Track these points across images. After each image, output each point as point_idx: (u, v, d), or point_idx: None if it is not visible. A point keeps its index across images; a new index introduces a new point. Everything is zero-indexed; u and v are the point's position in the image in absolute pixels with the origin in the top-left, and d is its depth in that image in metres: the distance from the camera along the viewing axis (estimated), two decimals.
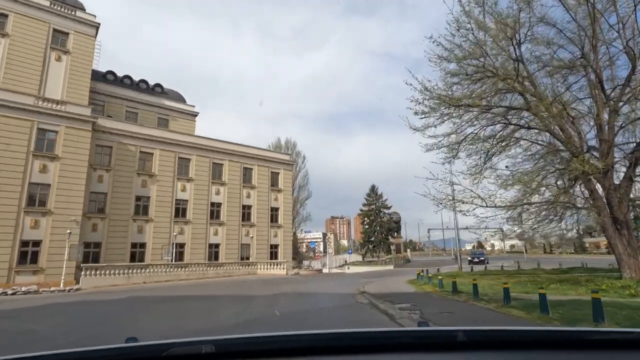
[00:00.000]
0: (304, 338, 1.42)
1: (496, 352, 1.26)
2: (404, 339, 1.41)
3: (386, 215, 65.16)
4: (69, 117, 27.35)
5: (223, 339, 1.31)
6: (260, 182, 39.32)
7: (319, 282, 23.23)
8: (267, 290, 17.53)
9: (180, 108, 42.54)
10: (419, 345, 1.34)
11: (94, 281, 23.72)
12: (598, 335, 1.36)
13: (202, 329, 8.89)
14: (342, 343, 1.38)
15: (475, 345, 1.30)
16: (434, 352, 1.31)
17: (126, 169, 31.08)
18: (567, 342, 1.31)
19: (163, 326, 9.87)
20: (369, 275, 29.05)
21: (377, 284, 18.77)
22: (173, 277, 27.21)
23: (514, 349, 1.28)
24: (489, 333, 1.44)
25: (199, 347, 1.23)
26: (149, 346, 1.30)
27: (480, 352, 1.28)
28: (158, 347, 1.26)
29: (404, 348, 1.33)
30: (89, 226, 28.71)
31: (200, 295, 16.82)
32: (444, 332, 1.52)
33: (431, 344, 1.36)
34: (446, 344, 1.35)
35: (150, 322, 10.46)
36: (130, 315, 11.91)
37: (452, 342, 1.32)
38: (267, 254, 38.28)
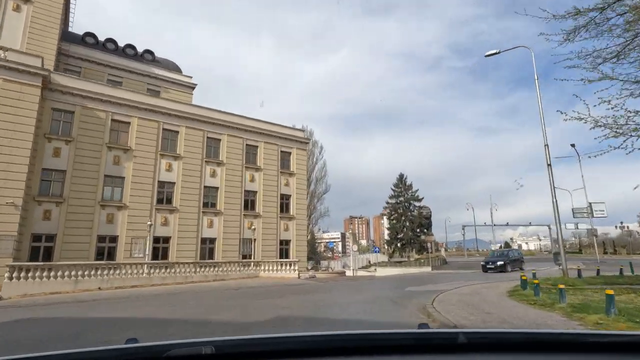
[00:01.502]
0: (303, 340, 1.38)
1: (497, 355, 1.25)
2: (404, 341, 1.38)
3: (416, 208, 56.71)
4: (8, 68, 20.54)
5: (223, 340, 1.30)
6: (268, 163, 31.84)
7: (345, 293, 15.48)
8: (253, 313, 9.97)
9: (174, 78, 35.58)
10: (419, 347, 1.30)
11: (24, 287, 16.70)
12: (598, 338, 1.31)
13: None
14: (342, 345, 1.35)
15: (475, 348, 1.27)
16: (434, 354, 1.27)
17: (93, 140, 24.13)
18: (567, 345, 1.28)
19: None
20: (410, 280, 21.11)
21: (453, 299, 10.82)
22: (144, 282, 20.00)
23: (515, 351, 1.26)
24: (489, 335, 1.43)
25: (199, 348, 1.22)
26: (148, 347, 1.28)
27: (481, 354, 1.25)
28: (158, 348, 1.25)
29: (404, 350, 1.30)
30: (39, 213, 21.86)
31: (119, 320, 9.34)
32: (444, 333, 1.50)
33: (431, 346, 1.31)
34: (447, 346, 1.30)
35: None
36: None
37: (452, 344, 1.28)
38: (276, 252, 30.76)
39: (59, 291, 17.30)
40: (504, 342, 1.33)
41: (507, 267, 25.42)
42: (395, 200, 56.48)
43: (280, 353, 1.29)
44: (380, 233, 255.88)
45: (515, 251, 31.47)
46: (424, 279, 22.75)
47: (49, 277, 17.50)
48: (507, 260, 26.16)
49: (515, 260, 27.47)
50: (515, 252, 31.28)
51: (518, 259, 28.35)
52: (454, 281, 19.00)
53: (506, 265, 25.50)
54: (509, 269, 25.31)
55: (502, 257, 27.61)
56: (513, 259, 27.39)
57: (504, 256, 27.76)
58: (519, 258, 28.65)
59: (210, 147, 29.14)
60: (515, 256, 28.67)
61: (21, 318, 10.08)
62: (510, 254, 29.04)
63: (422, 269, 37.53)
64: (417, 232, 55.04)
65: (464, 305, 9.21)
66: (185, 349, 1.23)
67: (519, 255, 29.70)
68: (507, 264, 25.70)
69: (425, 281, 20.15)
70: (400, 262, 47.18)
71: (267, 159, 31.84)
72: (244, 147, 30.80)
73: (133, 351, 1.26)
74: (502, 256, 28.07)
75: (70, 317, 10.22)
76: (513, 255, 28.38)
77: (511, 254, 28.64)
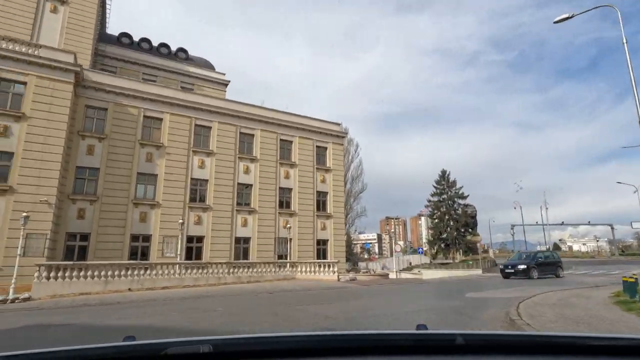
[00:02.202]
0: (302, 339, 1.38)
1: (495, 357, 1.24)
2: (401, 342, 1.38)
3: (460, 207, 53.04)
4: (41, 64, 20.29)
5: (221, 338, 1.29)
6: (303, 159, 30.24)
7: (396, 299, 13.39)
8: (290, 324, 8.21)
9: (207, 75, 35.03)
10: (416, 348, 1.30)
11: (53, 287, 16.03)
12: (598, 341, 1.30)
13: None
14: (340, 345, 1.34)
15: (474, 349, 1.27)
16: (432, 355, 1.27)
17: (126, 137, 23.63)
18: (565, 347, 1.26)
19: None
20: (465, 285, 18.59)
21: (547, 313, 8.43)
22: (176, 283, 18.93)
23: (513, 353, 1.25)
24: (488, 337, 1.42)
25: (197, 346, 1.21)
26: (146, 345, 1.28)
27: (479, 356, 1.25)
28: (156, 346, 1.23)
29: (401, 351, 1.30)
30: (74, 212, 21.50)
31: (133, 330, 7.84)
32: (442, 335, 1.42)
33: (429, 347, 1.31)
34: (444, 347, 1.31)
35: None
36: None
37: (450, 345, 1.28)
38: (313, 252, 29.06)
39: (88, 292, 16.51)
40: (503, 344, 1.32)
41: (532, 272, 20.91)
42: (437, 198, 53.14)
43: (278, 352, 1.28)
44: (417, 234, 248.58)
45: (545, 253, 25.34)
46: (480, 283, 20.09)
47: (78, 277, 16.76)
48: (531, 264, 21.45)
49: (546, 264, 22.48)
50: (547, 254, 25.08)
51: (551, 262, 23.09)
52: (518, 286, 16.31)
53: (530, 270, 20.93)
54: (534, 274, 20.87)
55: (527, 259, 22.54)
56: (542, 262, 22.37)
57: (530, 259, 22.64)
58: (552, 261, 23.24)
59: (243, 143, 27.98)
60: (546, 259, 23.23)
61: (30, 324, 8.94)
62: (539, 256, 23.48)
63: (471, 271, 34.45)
64: (462, 232, 51.39)
65: (570, 322, 6.87)
66: (183, 347, 1.23)
67: (554, 258, 24.14)
68: (532, 269, 21.10)
69: (483, 286, 17.58)
70: (445, 264, 44.01)
71: (302, 154, 30.26)
72: (278, 142, 29.40)
73: (131, 349, 1.25)
74: (527, 259, 22.89)
75: (83, 325, 8.95)
76: (542, 258, 23.01)
77: (540, 256, 23.20)
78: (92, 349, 1.24)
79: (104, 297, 15.13)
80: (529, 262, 21.87)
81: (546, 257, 23.60)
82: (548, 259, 23.36)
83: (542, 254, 24.39)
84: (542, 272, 21.68)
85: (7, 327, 8.72)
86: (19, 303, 14.56)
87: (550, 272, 22.35)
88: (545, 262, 22.66)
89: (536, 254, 24.29)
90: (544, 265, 22.18)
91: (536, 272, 21.11)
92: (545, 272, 21.99)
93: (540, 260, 22.50)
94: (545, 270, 22.01)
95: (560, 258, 25.18)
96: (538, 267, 21.46)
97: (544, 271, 21.86)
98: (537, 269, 21.29)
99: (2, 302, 14.85)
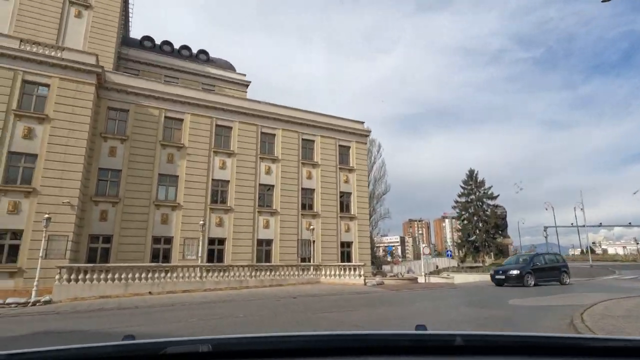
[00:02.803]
0: (301, 339, 1.38)
1: (495, 357, 1.24)
2: (401, 342, 1.37)
3: (490, 207, 50.70)
4: (64, 66, 20.30)
5: (220, 338, 1.29)
6: (325, 158, 29.35)
7: (432, 307, 12.20)
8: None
9: (228, 77, 34.77)
10: (415, 349, 1.30)
11: (74, 290, 15.75)
12: (597, 343, 1.32)
13: None
14: (339, 345, 1.34)
15: (473, 350, 1.27)
16: (432, 356, 1.27)
17: (147, 138, 23.43)
18: (566, 349, 1.27)
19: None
20: (503, 290, 17.10)
21: (627, 327, 7.14)
22: (197, 286, 18.37)
23: (512, 354, 1.25)
24: (487, 338, 1.39)
25: (196, 346, 1.21)
26: (146, 344, 1.28)
27: (478, 357, 1.24)
28: (155, 345, 1.24)
29: (400, 351, 1.29)
30: (97, 214, 21.39)
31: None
32: (441, 335, 1.41)
33: (428, 348, 1.31)
34: (444, 348, 1.30)
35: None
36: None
37: (449, 346, 1.28)
38: (337, 255, 28.05)
39: (108, 295, 16.14)
40: (502, 345, 1.31)
41: (528, 278, 17.84)
42: (465, 199, 51.00)
43: (277, 352, 1.28)
44: (442, 237, 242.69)
45: (547, 256, 20.95)
46: (523, 288, 18.52)
47: (99, 280, 16.44)
48: (526, 270, 18.11)
49: (546, 269, 19.05)
50: (549, 256, 20.83)
51: (553, 267, 19.49)
52: (568, 292, 14.78)
53: (524, 276, 17.77)
54: (529, 281, 17.80)
55: (523, 264, 18.96)
56: (541, 267, 18.91)
57: (526, 263, 18.97)
58: (554, 266, 19.58)
59: (264, 143, 27.36)
60: (547, 263, 19.52)
61: (40, 331, 8.39)
62: (537, 259, 19.54)
63: None
64: (492, 234, 49.07)
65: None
66: (182, 346, 1.22)
67: (557, 262, 20.18)
68: (528, 275, 17.91)
69: (526, 292, 16.09)
70: (475, 268, 41.97)
71: (324, 153, 29.37)
72: (300, 142, 28.62)
73: (130, 348, 1.24)
74: (522, 263, 19.26)
75: (95, 331, 8.32)
76: (542, 262, 19.37)
77: (538, 260, 19.44)
78: (92, 348, 1.23)
79: (122, 300, 14.67)
80: (524, 267, 18.44)
81: (547, 260, 19.81)
82: (549, 263, 19.63)
83: (541, 257, 20.22)
84: (541, 278, 18.52)
85: (16, 333, 8.20)
86: (40, 306, 14.32)
87: (552, 278, 19.07)
88: (544, 267, 19.15)
89: (534, 257, 20.01)
90: (543, 271, 18.88)
91: (532, 278, 18.00)
92: (546, 278, 18.79)
93: (538, 264, 18.93)
94: (545, 277, 18.77)
95: (565, 261, 20.95)
96: (535, 273, 18.27)
97: (543, 277, 18.66)
98: (534, 275, 18.14)
99: (24, 304, 14.66)
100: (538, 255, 20.89)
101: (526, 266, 18.53)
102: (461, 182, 51.66)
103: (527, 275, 17.99)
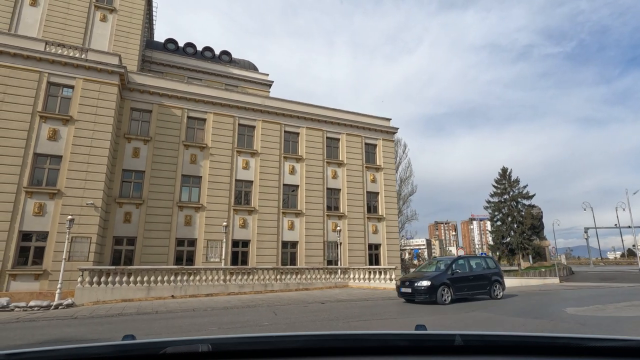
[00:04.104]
0: (300, 339, 1.36)
1: (494, 357, 1.24)
2: (400, 342, 1.37)
3: (525, 208, 47.93)
4: (88, 67, 20.21)
5: (220, 338, 1.29)
6: (351, 157, 28.23)
7: (480, 315, 10.85)
8: None
9: (250, 77, 34.33)
10: (415, 349, 1.30)
11: (96, 293, 15.35)
12: (597, 343, 1.29)
13: None
14: (338, 345, 1.33)
15: (472, 350, 1.27)
16: (432, 356, 1.27)
17: (170, 139, 23.10)
18: (566, 349, 1.27)
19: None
20: (552, 296, 15.41)
21: None
22: (220, 290, 17.65)
23: (512, 354, 1.25)
24: (487, 338, 1.37)
25: (196, 345, 1.21)
26: (145, 344, 1.28)
27: (477, 357, 1.24)
28: (155, 345, 1.24)
29: (400, 351, 1.30)
30: (120, 215, 21.13)
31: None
32: (441, 335, 1.40)
33: (428, 348, 1.31)
34: (443, 348, 1.30)
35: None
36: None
37: (449, 346, 1.28)
38: (365, 257, 26.82)
39: (130, 298, 15.65)
40: (501, 345, 1.30)
41: (442, 292, 12.87)
42: (498, 199, 48.45)
43: (276, 352, 1.27)
44: (469, 239, 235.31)
45: (474, 260, 15.36)
46: (569, 295, 16.75)
47: (121, 283, 15.99)
48: (441, 280, 13.06)
49: (471, 278, 14.01)
50: (476, 261, 15.27)
51: (481, 275, 14.35)
52: (635, 300, 13.02)
53: (437, 288, 12.80)
54: (445, 296, 12.86)
55: (436, 272, 13.80)
56: (465, 275, 13.92)
57: (441, 271, 13.73)
58: (484, 274, 14.44)
59: (288, 142, 26.56)
60: (474, 270, 14.42)
61: (48, 339, 7.72)
62: (460, 265, 14.25)
63: (546, 280, 30.20)
64: (528, 236, 46.30)
65: None
66: (182, 346, 1.22)
67: (487, 268, 14.91)
68: (443, 287, 12.92)
69: (577, 299, 14.40)
70: (511, 271, 39.54)
71: (350, 152, 28.27)
72: (325, 140, 27.65)
73: (130, 348, 1.24)
74: (436, 271, 14.07)
75: (106, 340, 7.57)
76: (466, 269, 14.29)
77: (460, 266, 14.20)
78: (92, 347, 1.23)
79: (143, 305, 14.07)
80: (438, 275, 13.30)
81: (473, 267, 14.60)
82: (476, 270, 14.48)
83: (464, 262, 14.71)
84: (463, 291, 13.61)
85: (24, 341, 7.55)
86: (61, 309, 13.93)
87: (478, 291, 14.05)
88: (469, 275, 14.05)
89: (453, 262, 14.31)
90: (467, 281, 13.85)
91: (449, 292, 13.07)
92: (470, 291, 13.84)
93: (459, 272, 13.82)
94: (468, 289, 13.79)
95: (498, 267, 15.70)
96: (455, 284, 13.35)
97: (465, 290, 13.70)
98: (453, 287, 13.24)
99: (46, 308, 14.33)
100: (461, 259, 15.00)
101: (441, 275, 13.33)
102: (493, 182, 49.18)
103: (441, 288, 12.88)
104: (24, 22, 23.99)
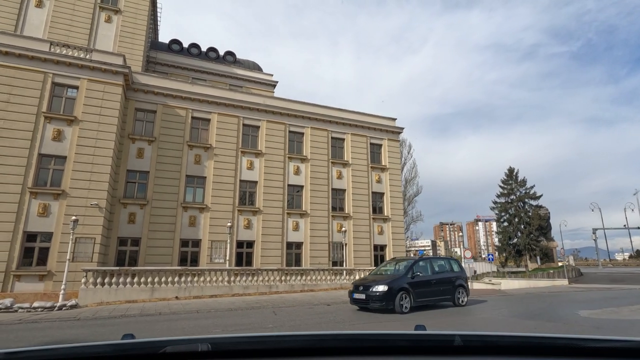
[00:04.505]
0: (299, 339, 1.36)
1: (493, 357, 1.23)
2: (399, 342, 1.36)
3: (532, 208, 47.37)
4: (92, 68, 20.17)
5: (219, 337, 1.29)
6: (356, 157, 27.99)
7: (499, 323, 10.57)
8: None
9: (255, 77, 34.25)
10: (414, 349, 1.29)
11: (100, 294, 15.24)
12: (597, 343, 1.28)
13: None
14: (338, 344, 1.33)
15: (472, 350, 1.27)
16: (431, 356, 1.26)
17: (174, 139, 23.00)
18: (565, 349, 1.27)
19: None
20: (563, 299, 15.06)
21: None
22: (224, 291, 17.48)
23: (511, 354, 1.25)
24: (486, 338, 1.37)
25: (195, 345, 1.20)
26: (145, 343, 1.27)
27: (477, 357, 1.24)
28: (154, 344, 1.23)
29: (399, 351, 1.29)
30: (125, 216, 21.06)
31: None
32: (440, 336, 1.41)
33: (427, 348, 1.30)
34: (442, 348, 1.30)
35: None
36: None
37: (448, 346, 1.28)
38: (370, 259, 26.54)
39: (134, 299, 15.52)
40: (501, 345, 1.30)
41: (400, 299, 11.26)
42: (505, 199, 47.92)
43: (276, 352, 1.27)
44: (475, 240, 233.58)
45: (437, 262, 13.93)
46: (579, 297, 16.38)
47: (125, 284, 15.87)
48: (399, 284, 11.52)
49: (434, 282, 12.50)
50: (439, 263, 13.85)
51: (444, 279, 12.85)
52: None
53: (396, 294, 11.22)
54: (403, 303, 11.29)
55: (395, 275, 12.26)
56: (427, 279, 12.38)
57: (400, 274, 12.18)
58: (447, 278, 12.96)
59: (292, 142, 26.38)
60: (436, 273, 12.98)
61: (47, 342, 7.56)
62: (420, 267, 12.68)
63: (555, 281, 29.75)
64: (536, 237, 45.73)
65: None
66: (181, 345, 1.21)
67: (450, 271, 13.44)
68: (402, 293, 11.35)
69: (589, 301, 14.05)
70: (516, 273, 39.04)
71: (355, 152, 28.03)
72: (329, 140, 27.44)
73: (130, 347, 1.23)
74: (394, 273, 12.53)
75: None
76: (428, 272, 12.77)
77: (422, 269, 12.64)
78: (91, 346, 1.22)
79: (146, 306, 13.92)
80: (396, 280, 11.70)
81: (436, 269, 13.17)
82: (439, 272, 13.07)
83: (426, 263, 13.13)
84: (425, 297, 12.12)
85: (23, 342, 7.41)
86: (65, 311, 13.82)
87: (441, 297, 12.60)
88: (431, 279, 12.51)
89: (414, 263, 12.68)
90: (429, 285, 12.32)
91: (409, 298, 11.53)
92: (432, 297, 12.36)
93: (420, 275, 12.25)
94: (430, 294, 12.29)
95: (463, 270, 14.18)
96: (415, 289, 11.79)
97: (427, 295, 12.20)
98: (413, 293, 11.69)
99: (50, 309, 14.24)
100: (423, 260, 13.31)
101: (401, 279, 11.78)
102: (500, 182, 48.66)
103: (401, 294, 11.32)
104: (30, 23, 24.04)
